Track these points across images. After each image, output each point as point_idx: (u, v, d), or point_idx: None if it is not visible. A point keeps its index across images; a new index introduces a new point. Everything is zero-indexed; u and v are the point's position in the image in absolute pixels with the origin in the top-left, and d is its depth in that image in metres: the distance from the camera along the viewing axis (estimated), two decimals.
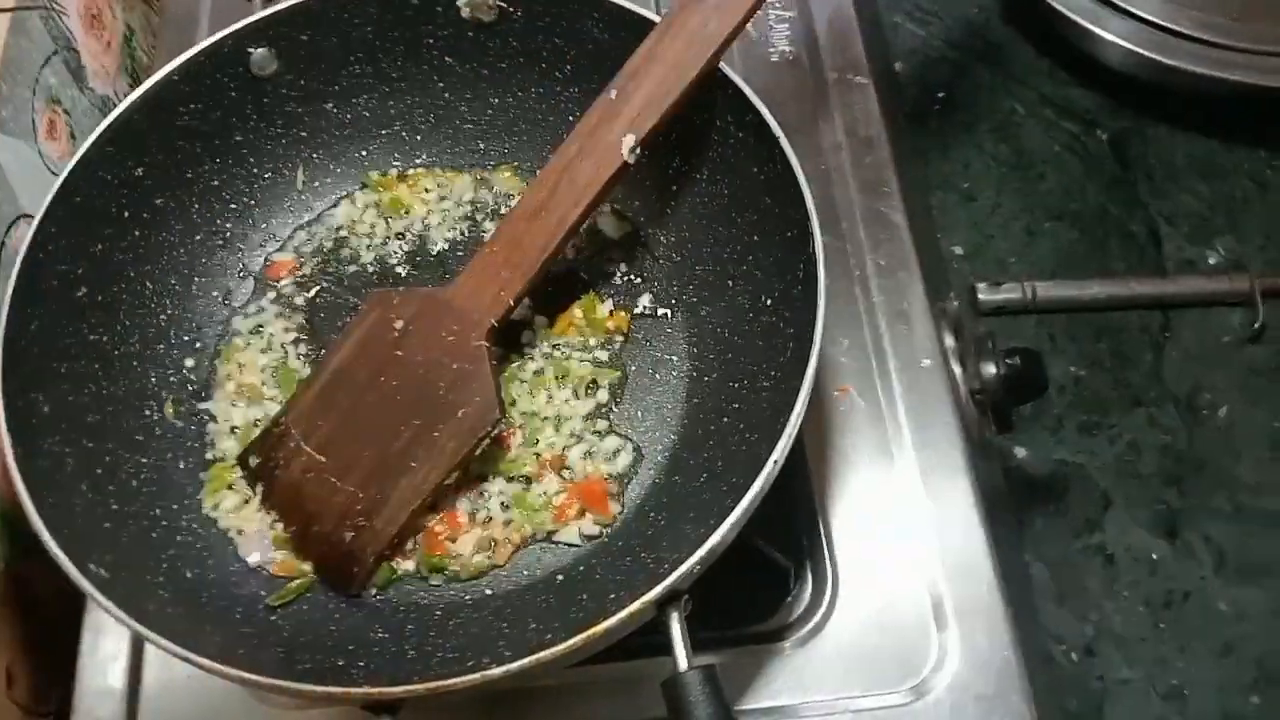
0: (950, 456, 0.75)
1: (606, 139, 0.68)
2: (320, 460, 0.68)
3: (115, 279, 0.71)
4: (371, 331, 0.70)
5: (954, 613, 0.69)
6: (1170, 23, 0.95)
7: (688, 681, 0.55)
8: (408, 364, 0.69)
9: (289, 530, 0.69)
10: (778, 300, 0.68)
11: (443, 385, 0.68)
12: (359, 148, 0.80)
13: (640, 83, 0.68)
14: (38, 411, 0.63)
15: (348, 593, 0.67)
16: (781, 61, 0.92)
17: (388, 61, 0.78)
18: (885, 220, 0.84)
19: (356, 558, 0.67)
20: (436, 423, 0.68)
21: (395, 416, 0.68)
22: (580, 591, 0.65)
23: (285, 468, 0.69)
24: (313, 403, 0.70)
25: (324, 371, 0.71)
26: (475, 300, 0.69)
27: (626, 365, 0.74)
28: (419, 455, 0.67)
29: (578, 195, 0.69)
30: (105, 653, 0.69)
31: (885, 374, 0.77)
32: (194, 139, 0.74)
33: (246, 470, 0.70)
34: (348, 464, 0.68)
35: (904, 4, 1.08)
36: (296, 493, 0.69)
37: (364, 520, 0.67)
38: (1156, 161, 1.00)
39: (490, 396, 0.68)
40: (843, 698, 0.67)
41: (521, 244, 0.69)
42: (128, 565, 0.61)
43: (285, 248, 0.79)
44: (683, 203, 0.76)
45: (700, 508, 0.64)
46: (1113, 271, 0.94)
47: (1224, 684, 0.79)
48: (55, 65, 0.84)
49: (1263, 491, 0.85)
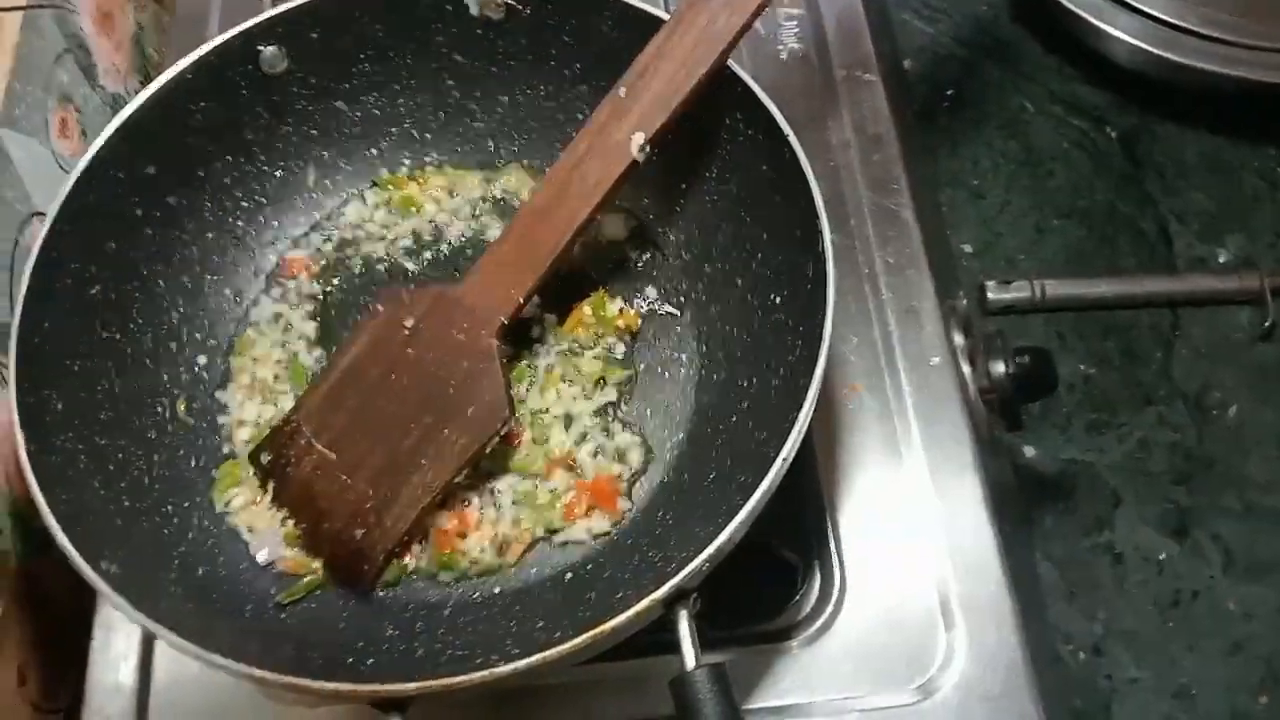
0: (959, 455, 0.74)
1: (616, 137, 0.68)
2: (331, 458, 0.69)
3: (128, 277, 0.71)
4: (382, 330, 0.71)
5: (962, 611, 0.69)
6: (1178, 19, 0.94)
7: (696, 680, 0.55)
8: (418, 362, 0.69)
9: (300, 527, 0.69)
10: (787, 298, 0.68)
11: (453, 383, 0.68)
12: (369, 146, 0.80)
13: (649, 81, 0.68)
14: (50, 409, 0.64)
15: (358, 590, 0.67)
16: (790, 59, 0.92)
17: (398, 60, 0.78)
18: (894, 218, 0.84)
19: (367, 555, 0.67)
20: (447, 421, 0.68)
21: (406, 414, 0.69)
22: (588, 590, 0.65)
23: (296, 465, 0.69)
24: (324, 401, 0.70)
25: (335, 369, 0.71)
26: (485, 298, 0.69)
27: (636, 363, 0.74)
28: (429, 453, 0.68)
29: (587, 194, 0.69)
30: (116, 650, 0.70)
31: (894, 372, 0.77)
32: (205, 137, 0.74)
33: (258, 467, 0.71)
34: (358, 461, 0.68)
35: (912, 1, 1.07)
36: (307, 490, 0.69)
37: (374, 518, 0.67)
38: (1166, 159, 0.99)
39: (500, 395, 0.68)
40: (850, 696, 0.67)
41: (531, 242, 0.69)
42: (139, 562, 0.62)
43: (296, 246, 0.79)
44: (692, 201, 0.76)
45: (709, 506, 0.64)
46: (1122, 269, 0.94)
47: (1232, 683, 0.79)
48: (67, 63, 0.84)
49: (1272, 490, 0.85)
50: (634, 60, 0.68)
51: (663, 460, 0.71)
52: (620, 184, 0.69)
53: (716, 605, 0.59)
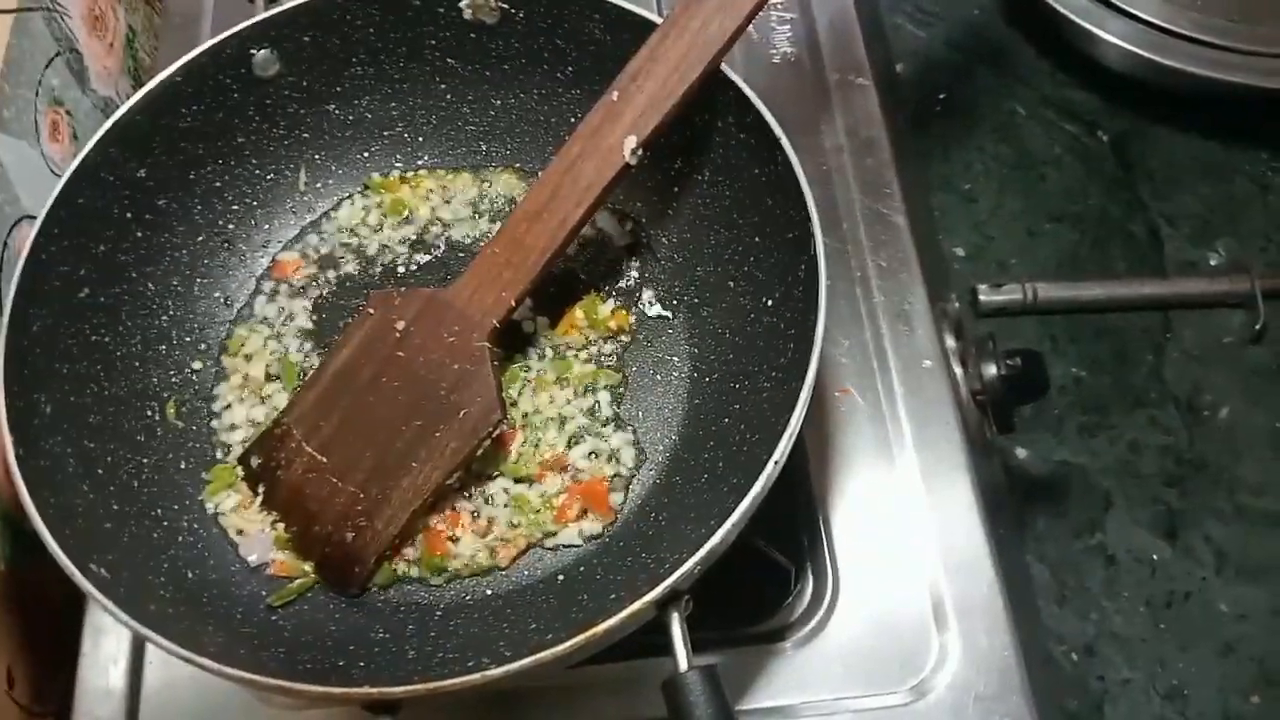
0: (951, 457, 0.75)
1: (608, 140, 0.68)
2: (321, 461, 0.69)
3: (117, 280, 0.71)
4: (373, 332, 0.70)
5: (955, 613, 0.69)
6: (1169, 23, 0.95)
7: (688, 682, 0.55)
8: (409, 365, 0.69)
9: (290, 530, 0.69)
10: (779, 301, 0.68)
11: (444, 386, 0.68)
12: (361, 149, 0.80)
13: (642, 84, 0.68)
14: (39, 412, 0.64)
15: (348, 593, 0.67)
16: (783, 63, 0.92)
17: (390, 63, 0.78)
18: (886, 221, 0.84)
19: (358, 558, 0.67)
20: (438, 423, 0.68)
21: (396, 417, 0.68)
22: (581, 591, 0.65)
23: (287, 468, 0.69)
24: (314, 403, 0.70)
25: (325, 372, 0.71)
26: (477, 301, 0.69)
27: (628, 366, 0.74)
28: (420, 456, 0.68)
29: (579, 196, 0.69)
30: (106, 653, 0.70)
31: (886, 375, 0.78)
32: (196, 140, 0.74)
33: (248, 470, 0.70)
34: (349, 464, 0.68)
35: (905, 5, 1.08)
36: (298, 493, 0.69)
37: (365, 520, 0.67)
38: (1158, 163, 1.00)
39: (491, 397, 0.68)
40: (843, 698, 0.67)
41: (523, 245, 0.69)
42: (129, 565, 0.61)
43: (288, 249, 0.79)
44: (684, 204, 0.76)
45: (701, 508, 0.64)
46: (1114, 272, 0.94)
47: (1224, 684, 0.79)
48: (58, 66, 0.84)
49: (1263, 492, 0.85)
50: (627, 64, 0.69)
51: (655, 462, 0.71)
52: (612, 187, 0.69)
53: (710, 607, 0.59)
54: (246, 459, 0.71)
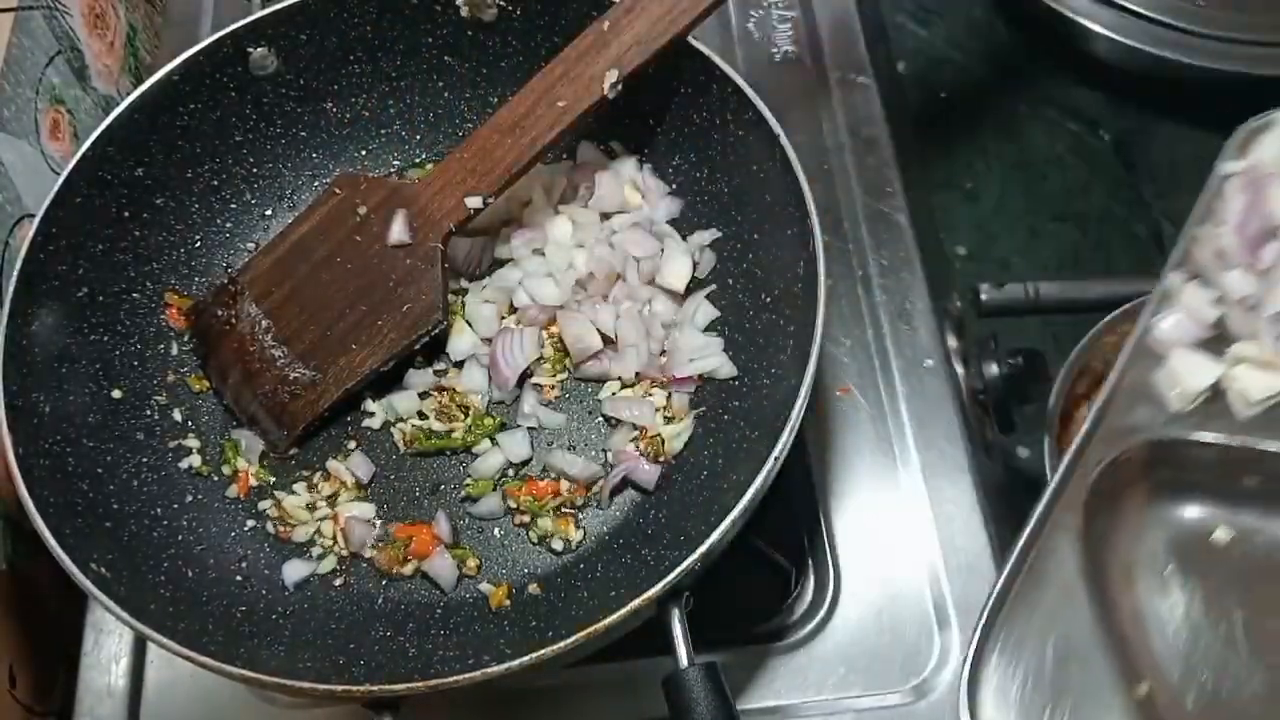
0: (952, 456, 0.74)
1: (591, 69, 0.69)
2: (266, 324, 0.71)
3: (116, 279, 0.71)
4: (335, 212, 0.72)
5: (956, 612, 0.69)
6: (1165, 16, 0.95)
7: (688, 678, 0.55)
8: (364, 250, 0.71)
9: (227, 385, 0.71)
10: (778, 298, 0.68)
11: (394, 278, 0.70)
12: (358, 147, 0.80)
13: (634, 20, 0.68)
14: (39, 411, 0.64)
15: (276, 449, 0.70)
16: (784, 61, 0.92)
17: (387, 61, 0.78)
18: (888, 220, 0.84)
19: (289, 422, 0.70)
20: (381, 312, 0.70)
21: (344, 298, 0.71)
22: (581, 589, 0.65)
23: (234, 324, 0.71)
24: (269, 269, 0.72)
25: (285, 241, 0.73)
26: (438, 201, 0.71)
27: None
28: (360, 339, 0.70)
29: (554, 119, 0.70)
30: (107, 652, 0.70)
31: (888, 374, 0.77)
32: (194, 139, 0.74)
33: (198, 320, 0.72)
34: (293, 333, 0.71)
35: (906, 4, 1.07)
36: (241, 350, 0.71)
37: (300, 390, 0.70)
38: (1159, 162, 0.99)
39: (436, 298, 0.69)
40: (845, 697, 0.67)
41: (491, 156, 0.71)
42: (129, 564, 0.62)
43: None
44: (683, 200, 0.76)
45: (701, 505, 0.64)
46: (1116, 272, 0.94)
47: None
48: (59, 65, 0.84)
49: None
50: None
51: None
52: (587, 115, 0.70)
53: (711, 607, 0.59)
54: (197, 310, 0.73)
